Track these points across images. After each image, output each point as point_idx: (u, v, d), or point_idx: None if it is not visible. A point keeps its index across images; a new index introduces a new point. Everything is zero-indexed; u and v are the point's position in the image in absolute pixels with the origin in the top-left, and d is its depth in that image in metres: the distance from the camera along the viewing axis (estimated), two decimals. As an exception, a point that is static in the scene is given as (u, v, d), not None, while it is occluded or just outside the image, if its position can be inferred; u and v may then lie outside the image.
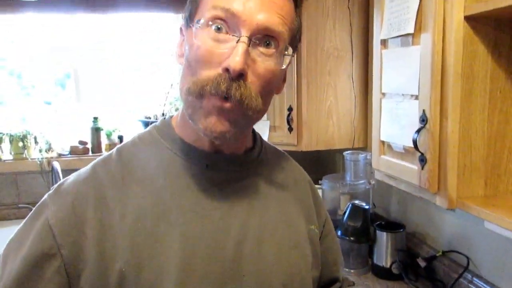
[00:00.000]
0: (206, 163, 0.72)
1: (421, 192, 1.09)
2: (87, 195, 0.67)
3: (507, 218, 0.86)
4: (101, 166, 0.72)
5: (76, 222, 0.65)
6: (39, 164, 2.37)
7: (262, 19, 0.62)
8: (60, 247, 0.63)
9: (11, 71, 2.68)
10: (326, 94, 1.98)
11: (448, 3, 0.97)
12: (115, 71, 2.74)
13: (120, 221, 0.66)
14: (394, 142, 1.18)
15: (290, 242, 0.76)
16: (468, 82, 0.97)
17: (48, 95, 2.75)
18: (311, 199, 0.86)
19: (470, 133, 0.99)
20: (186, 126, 0.72)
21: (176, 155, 0.72)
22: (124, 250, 0.65)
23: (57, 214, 0.65)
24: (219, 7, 0.61)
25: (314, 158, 2.68)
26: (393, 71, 1.18)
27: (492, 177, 1.01)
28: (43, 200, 0.69)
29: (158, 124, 0.77)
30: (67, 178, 0.72)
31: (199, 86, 0.62)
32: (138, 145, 0.75)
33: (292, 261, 0.75)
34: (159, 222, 0.67)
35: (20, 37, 2.64)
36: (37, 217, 0.66)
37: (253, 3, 0.61)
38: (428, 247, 1.62)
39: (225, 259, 0.68)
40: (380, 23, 1.24)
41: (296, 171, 0.88)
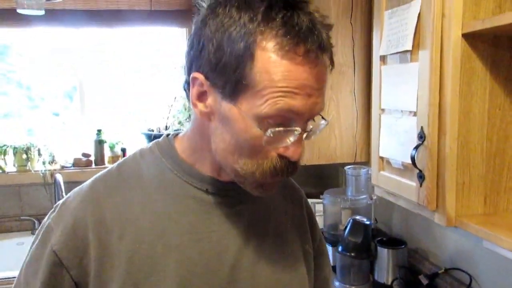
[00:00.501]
0: (206, 187, 0.72)
1: (419, 209, 1.08)
2: (86, 216, 0.68)
3: (505, 237, 0.85)
4: (101, 185, 0.73)
5: (79, 245, 0.67)
6: (42, 176, 2.38)
7: (318, 110, 0.63)
8: (69, 269, 0.66)
9: (20, 83, 2.72)
10: (329, 108, 1.98)
11: (445, 20, 0.97)
12: (119, 83, 2.76)
13: (118, 241, 0.67)
14: (393, 158, 1.18)
15: (285, 263, 0.76)
16: (466, 99, 0.97)
17: (56, 107, 2.78)
18: (306, 219, 0.87)
19: (469, 150, 0.98)
20: (192, 152, 0.73)
21: (177, 176, 0.72)
22: (121, 271, 0.66)
23: (60, 239, 0.67)
24: (284, 109, 0.60)
25: (317, 172, 2.67)
26: (392, 87, 1.18)
27: (492, 195, 1.00)
28: (47, 224, 0.71)
29: (161, 142, 0.77)
30: (68, 196, 0.73)
31: (262, 172, 0.64)
32: (139, 162, 0.75)
33: (287, 283, 0.75)
34: (156, 243, 0.68)
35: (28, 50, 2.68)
36: (44, 244, 0.69)
37: (313, 99, 0.61)
38: (430, 264, 1.60)
39: (220, 282, 0.69)
40: (379, 39, 1.24)
41: (294, 192, 0.89)
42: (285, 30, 0.58)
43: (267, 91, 0.59)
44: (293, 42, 0.58)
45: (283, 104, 0.59)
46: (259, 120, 0.61)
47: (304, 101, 0.60)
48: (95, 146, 2.53)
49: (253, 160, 0.64)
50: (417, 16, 1.04)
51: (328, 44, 0.62)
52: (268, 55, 0.59)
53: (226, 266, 0.70)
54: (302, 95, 0.59)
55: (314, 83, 0.60)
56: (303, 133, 0.63)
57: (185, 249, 0.68)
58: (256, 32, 0.59)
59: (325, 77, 0.63)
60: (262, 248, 0.74)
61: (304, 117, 0.62)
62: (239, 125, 0.62)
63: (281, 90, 0.59)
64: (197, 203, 0.71)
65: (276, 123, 0.61)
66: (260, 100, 0.60)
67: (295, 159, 0.64)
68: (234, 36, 0.59)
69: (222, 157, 0.67)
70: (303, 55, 0.59)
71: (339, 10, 1.94)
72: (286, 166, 0.64)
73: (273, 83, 0.59)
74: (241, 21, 0.59)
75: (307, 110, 0.61)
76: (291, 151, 0.63)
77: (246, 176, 0.65)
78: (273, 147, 0.63)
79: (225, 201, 0.73)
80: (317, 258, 0.87)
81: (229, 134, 0.64)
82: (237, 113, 0.62)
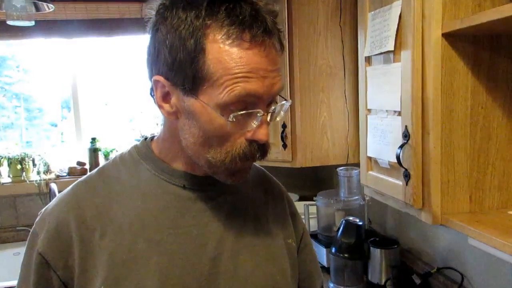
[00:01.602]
0: (183, 183, 0.74)
1: (407, 208, 1.09)
2: (68, 218, 0.71)
3: (489, 234, 0.85)
4: (82, 187, 0.75)
5: (64, 245, 0.69)
6: (37, 186, 2.39)
7: (276, 90, 0.67)
8: (55, 270, 0.69)
9: (17, 95, 2.73)
10: (320, 110, 1.99)
11: (426, 20, 0.98)
12: (112, 91, 2.77)
13: (100, 240, 0.69)
14: (380, 158, 1.19)
15: (266, 255, 0.78)
16: (448, 98, 0.98)
17: (54, 117, 2.79)
18: (288, 213, 0.88)
19: (453, 149, 0.99)
20: (167, 151, 0.75)
21: (155, 175, 0.75)
22: (103, 267, 0.68)
23: (44, 242, 0.70)
24: (242, 94, 0.63)
25: (312, 175, 2.68)
26: (377, 88, 1.19)
27: (477, 192, 1.01)
28: (32, 229, 0.74)
29: (139, 145, 0.80)
30: (50, 202, 0.76)
31: (225, 157, 0.67)
32: (119, 165, 0.77)
33: (268, 275, 0.77)
34: (137, 239, 0.70)
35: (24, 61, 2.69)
36: (31, 249, 0.72)
37: (269, 80, 0.65)
38: (423, 264, 1.60)
39: (201, 274, 0.71)
40: (364, 40, 1.26)
41: (274, 186, 0.90)
42: (230, 20, 0.62)
43: (223, 79, 0.62)
44: (239, 30, 0.62)
45: (240, 89, 0.62)
46: (221, 108, 0.64)
47: (260, 83, 0.63)
48: (90, 154, 2.53)
49: (223, 148, 0.67)
50: (398, 17, 1.05)
51: (274, 28, 0.65)
52: (217, 46, 0.62)
53: (207, 258, 0.71)
54: (256, 78, 0.63)
55: (266, 65, 0.64)
56: (266, 115, 0.66)
57: (166, 244, 0.70)
58: (203, 26, 0.62)
59: (277, 59, 0.66)
60: (243, 240, 0.76)
61: (263, 99, 0.65)
62: (204, 117, 0.65)
63: (235, 77, 0.62)
64: (175, 199, 0.73)
65: (238, 108, 0.64)
66: (219, 89, 0.63)
67: (263, 141, 0.67)
68: (184, 34, 0.63)
69: (193, 151, 0.70)
70: (250, 41, 0.62)
71: (328, 13, 1.96)
72: (255, 150, 0.68)
73: (227, 71, 0.62)
74: (188, 20, 0.63)
75: (265, 91, 0.64)
76: (258, 134, 0.66)
77: (218, 165, 0.68)
78: (239, 132, 0.66)
79: (203, 196, 0.75)
80: (301, 252, 0.89)
81: (196, 127, 0.67)
82: (200, 106, 0.65)
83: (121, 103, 2.82)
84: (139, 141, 0.80)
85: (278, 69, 0.66)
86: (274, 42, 0.65)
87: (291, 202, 0.92)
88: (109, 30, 2.43)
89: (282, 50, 0.67)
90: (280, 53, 0.67)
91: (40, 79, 2.77)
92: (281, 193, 0.91)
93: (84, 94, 2.66)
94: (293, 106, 1.96)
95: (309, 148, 1.97)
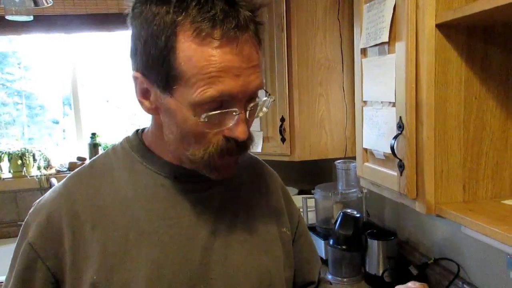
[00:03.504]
0: (174, 175, 0.75)
1: (401, 198, 1.10)
2: (60, 209, 0.71)
3: (481, 223, 0.86)
4: (74, 180, 0.76)
5: (54, 236, 0.69)
6: (37, 181, 2.40)
7: (253, 88, 0.64)
8: (44, 260, 0.69)
9: (19, 92, 2.75)
10: (318, 104, 2.00)
11: (420, 11, 0.98)
12: (113, 87, 2.78)
13: (91, 231, 0.70)
14: (375, 149, 1.19)
15: (259, 244, 0.79)
16: (442, 89, 0.98)
17: (56, 114, 2.80)
18: (282, 202, 0.88)
19: (446, 139, 1.00)
20: (157, 141, 0.75)
21: (146, 167, 0.75)
22: (95, 258, 0.68)
23: (35, 231, 0.70)
24: (215, 95, 0.61)
25: (311, 169, 2.68)
26: (372, 79, 1.19)
27: (470, 182, 1.01)
28: (25, 220, 0.74)
29: (130, 137, 0.80)
30: (44, 195, 0.76)
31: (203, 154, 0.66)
32: (111, 157, 0.78)
33: (260, 263, 0.77)
34: (128, 231, 0.70)
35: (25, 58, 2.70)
36: (23, 237, 0.72)
37: (243, 78, 0.62)
38: (420, 255, 1.62)
39: (193, 264, 0.71)
40: (360, 32, 1.26)
41: (268, 176, 0.90)
42: (200, 16, 0.59)
43: (195, 79, 0.61)
44: (209, 27, 0.59)
45: (213, 91, 0.60)
46: (194, 108, 0.62)
47: (233, 82, 0.61)
48: (90, 150, 2.55)
49: (200, 145, 0.66)
50: (393, 8, 1.06)
51: (249, 22, 0.62)
52: (188, 44, 0.60)
53: (198, 249, 0.72)
54: (229, 77, 0.60)
55: (240, 63, 0.61)
56: (244, 113, 0.64)
57: (157, 235, 0.71)
58: (174, 23, 0.60)
59: (253, 55, 0.63)
60: (234, 230, 0.76)
61: (238, 97, 0.63)
62: (179, 116, 0.65)
63: (207, 76, 0.60)
64: (167, 191, 0.74)
65: (212, 108, 0.62)
66: (191, 89, 0.61)
67: (241, 139, 0.65)
68: (155, 31, 0.61)
69: (174, 148, 0.70)
70: (221, 38, 0.60)
71: (326, 7, 1.96)
72: (233, 146, 0.66)
73: (198, 70, 0.60)
74: (159, 15, 0.61)
75: (240, 90, 0.62)
76: (235, 132, 0.65)
77: (198, 161, 0.68)
78: (215, 131, 0.65)
79: (195, 187, 0.75)
80: (297, 240, 0.89)
81: (174, 125, 0.67)
82: (174, 105, 0.64)
83: (122, 99, 2.83)
84: (131, 134, 0.81)
85: (255, 66, 0.64)
86: (249, 37, 0.63)
87: (286, 191, 0.92)
88: (109, 25, 2.44)
89: (259, 44, 0.65)
90: (258, 48, 0.65)
91: (41, 76, 2.78)
92: (275, 181, 0.91)
93: (84, 90, 2.67)
94: (292, 100, 1.96)
95: (307, 142, 1.98)
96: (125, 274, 0.68)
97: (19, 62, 2.78)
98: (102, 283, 0.67)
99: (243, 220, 0.78)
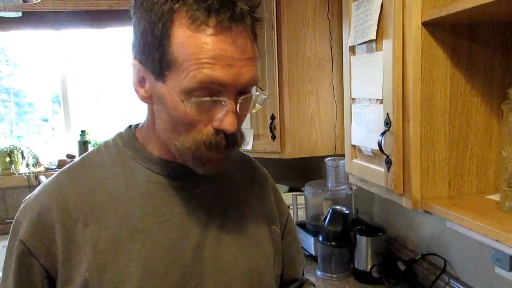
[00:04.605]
0: (167, 172, 0.75)
1: (388, 194, 1.11)
2: (51, 206, 0.70)
3: (465, 217, 0.88)
4: (65, 176, 0.75)
5: (46, 233, 0.69)
6: (26, 178, 2.39)
7: (244, 81, 0.64)
8: (37, 257, 0.68)
9: (8, 89, 2.72)
10: (308, 102, 2.01)
11: (406, 9, 1.00)
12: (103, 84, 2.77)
13: (83, 228, 0.69)
14: (363, 146, 1.21)
15: (250, 241, 0.79)
16: (428, 86, 1.00)
17: (45, 112, 2.78)
18: (272, 200, 0.89)
19: (432, 135, 1.01)
20: (150, 138, 0.75)
21: (139, 163, 0.75)
22: (87, 256, 0.68)
23: (26, 229, 0.69)
24: (204, 80, 0.62)
25: (301, 166, 2.70)
26: (360, 77, 1.21)
27: (456, 178, 1.03)
28: (15, 218, 0.73)
29: (123, 133, 0.80)
30: (33, 192, 0.75)
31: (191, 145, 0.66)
32: (103, 153, 0.77)
33: (251, 260, 0.78)
34: (120, 228, 0.70)
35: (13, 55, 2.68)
36: (14, 236, 0.72)
37: (235, 69, 0.63)
38: (408, 251, 1.64)
39: (185, 260, 0.71)
40: (348, 30, 1.27)
41: (258, 173, 0.91)
42: (196, 5, 0.61)
43: (186, 64, 0.62)
44: (204, 15, 0.61)
45: (203, 76, 0.61)
46: (184, 94, 0.63)
47: (224, 71, 0.61)
48: (79, 147, 2.53)
49: (190, 135, 0.66)
50: (380, 6, 1.07)
51: (246, 16, 0.63)
52: (183, 31, 0.62)
53: (190, 246, 0.72)
54: (221, 65, 0.61)
55: (233, 53, 0.62)
56: (234, 104, 0.64)
57: (149, 231, 0.71)
58: (171, 11, 0.62)
59: (247, 48, 0.64)
60: (226, 227, 0.77)
61: (229, 88, 0.63)
62: (170, 103, 0.65)
63: (199, 62, 0.61)
64: (159, 188, 0.74)
65: (202, 95, 0.63)
66: (182, 74, 0.62)
67: (230, 131, 0.65)
68: (153, 18, 0.63)
69: (165, 137, 0.70)
70: (215, 27, 0.61)
71: (316, 5, 1.97)
72: (222, 139, 0.66)
73: (190, 56, 0.61)
74: (158, 4, 0.63)
75: (230, 80, 0.62)
76: (224, 123, 0.64)
77: (186, 153, 0.68)
78: (205, 120, 0.65)
79: (187, 184, 0.76)
80: (285, 237, 0.90)
81: (166, 113, 0.67)
82: (166, 92, 0.65)
83: (112, 96, 2.82)
84: (124, 129, 0.80)
85: (249, 59, 0.64)
86: (244, 30, 0.63)
87: (276, 189, 0.93)
88: (99, 22, 2.43)
89: (255, 39, 0.66)
90: (253, 42, 0.65)
91: (30, 74, 2.76)
92: (266, 179, 0.91)
93: (74, 88, 2.66)
94: (282, 98, 1.97)
95: (297, 139, 1.99)
96: (117, 271, 0.68)
97: (7, 59, 2.76)
98: (94, 280, 0.67)
99: (235, 218, 0.79)
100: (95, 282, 0.67)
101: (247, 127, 2.09)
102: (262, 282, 0.78)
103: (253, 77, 0.65)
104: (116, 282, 0.67)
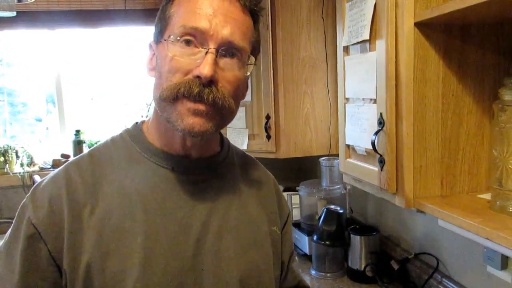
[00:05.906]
0: (172, 166, 0.77)
1: (382, 193, 1.12)
2: (61, 193, 0.72)
3: (457, 215, 0.89)
4: (74, 167, 0.77)
5: (55, 219, 0.71)
6: (20, 178, 2.38)
7: (227, 34, 0.70)
8: (46, 242, 0.70)
9: (1, 89, 2.71)
10: (303, 102, 2.02)
11: (399, 9, 1.01)
12: (98, 84, 2.76)
13: (89, 217, 0.71)
14: (357, 145, 1.22)
15: (250, 240, 0.80)
16: (420, 86, 1.01)
17: (39, 112, 2.77)
18: (275, 202, 0.90)
19: (425, 135, 1.02)
20: (156, 132, 0.78)
21: (145, 157, 0.77)
22: (91, 243, 0.70)
23: (37, 213, 0.71)
24: (188, 26, 0.69)
25: (296, 166, 2.70)
26: (354, 77, 1.21)
27: (448, 177, 1.04)
28: (23, 203, 0.74)
29: (130, 128, 0.82)
30: (42, 179, 0.77)
31: (172, 90, 0.69)
32: (110, 147, 0.80)
33: (250, 258, 0.79)
34: (125, 219, 0.72)
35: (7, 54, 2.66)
36: (21, 219, 0.73)
37: (218, 20, 0.69)
38: (402, 250, 1.65)
39: (185, 254, 0.73)
40: (342, 30, 1.28)
41: (262, 175, 0.92)
42: None
43: (176, 15, 0.71)
44: None
45: (187, 21, 0.69)
46: (172, 43, 0.70)
47: (205, 20, 0.69)
48: (74, 147, 2.53)
49: (172, 81, 0.70)
50: (374, 6, 1.08)
51: None
52: None
53: (191, 240, 0.74)
54: (205, 15, 0.69)
55: (218, 7, 0.70)
56: (213, 53, 0.68)
57: (152, 224, 0.72)
58: None
59: (235, 11, 0.71)
60: (227, 224, 0.78)
61: (208, 36, 0.69)
62: (162, 54, 0.72)
63: (185, 11, 0.70)
64: (164, 181, 0.76)
65: (185, 41, 0.70)
66: (174, 26, 0.71)
67: (204, 75, 0.67)
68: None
69: (157, 103, 0.73)
70: None
71: (310, 5, 1.98)
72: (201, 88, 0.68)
73: (181, 9, 0.71)
74: None
75: (213, 31, 0.69)
76: (200, 67, 0.68)
77: (167, 101, 0.70)
78: (185, 67, 0.69)
79: (191, 179, 0.77)
80: (282, 236, 0.91)
81: (159, 68, 0.73)
82: (161, 46, 0.73)
83: (107, 96, 2.82)
84: (131, 125, 0.83)
85: (235, 20, 0.71)
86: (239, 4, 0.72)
87: (278, 189, 0.94)
88: (93, 22, 2.42)
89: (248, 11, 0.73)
90: (246, 15, 0.73)
91: (24, 74, 2.74)
92: (269, 180, 0.93)
93: (68, 87, 2.65)
94: (277, 98, 1.98)
95: (292, 139, 2.00)
96: (119, 261, 0.70)
97: (1, 59, 2.74)
98: (97, 269, 0.69)
99: (236, 215, 0.80)
100: (96, 271, 0.69)
101: (242, 127, 2.10)
102: (261, 282, 0.79)
103: (234, 34, 0.70)
104: (117, 271, 0.69)
